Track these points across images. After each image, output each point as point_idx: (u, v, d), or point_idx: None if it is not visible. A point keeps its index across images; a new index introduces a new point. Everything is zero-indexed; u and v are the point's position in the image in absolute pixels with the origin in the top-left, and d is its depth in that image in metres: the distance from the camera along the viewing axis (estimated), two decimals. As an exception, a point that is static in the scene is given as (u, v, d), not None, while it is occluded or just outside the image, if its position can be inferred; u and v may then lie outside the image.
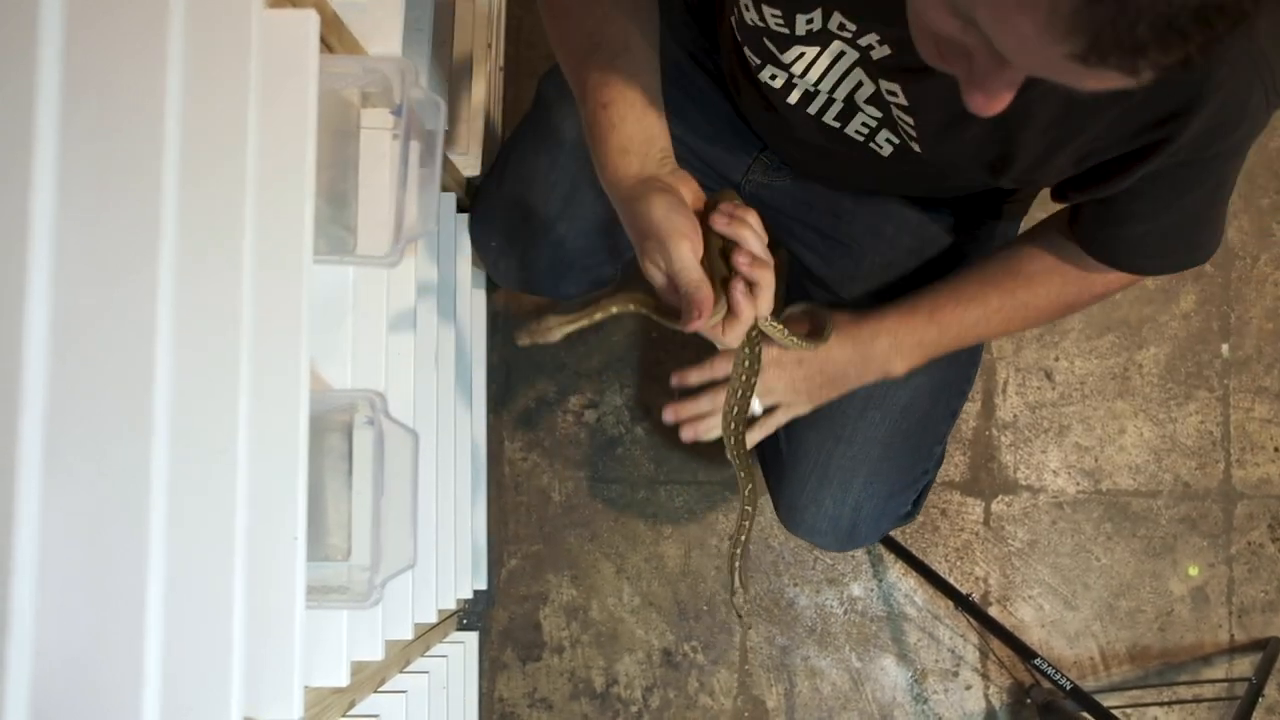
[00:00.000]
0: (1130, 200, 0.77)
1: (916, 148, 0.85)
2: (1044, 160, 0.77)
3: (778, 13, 0.79)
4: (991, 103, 0.57)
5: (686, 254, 0.71)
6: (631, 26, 0.83)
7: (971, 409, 1.56)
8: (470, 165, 1.25)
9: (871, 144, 0.89)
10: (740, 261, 0.70)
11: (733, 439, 0.82)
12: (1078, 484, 1.55)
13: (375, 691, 1.00)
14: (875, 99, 0.83)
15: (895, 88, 0.79)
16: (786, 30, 0.80)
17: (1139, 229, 0.80)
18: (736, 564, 0.83)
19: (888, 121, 0.85)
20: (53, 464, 0.52)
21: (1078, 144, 0.74)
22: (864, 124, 0.88)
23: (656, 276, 0.74)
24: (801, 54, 0.82)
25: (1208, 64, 0.66)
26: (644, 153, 0.78)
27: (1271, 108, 0.70)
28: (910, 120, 0.82)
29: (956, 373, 1.08)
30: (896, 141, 0.88)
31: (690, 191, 0.76)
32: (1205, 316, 1.56)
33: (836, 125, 0.89)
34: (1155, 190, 0.76)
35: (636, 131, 0.79)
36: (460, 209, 1.24)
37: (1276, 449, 1.55)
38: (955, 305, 0.90)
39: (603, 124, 0.80)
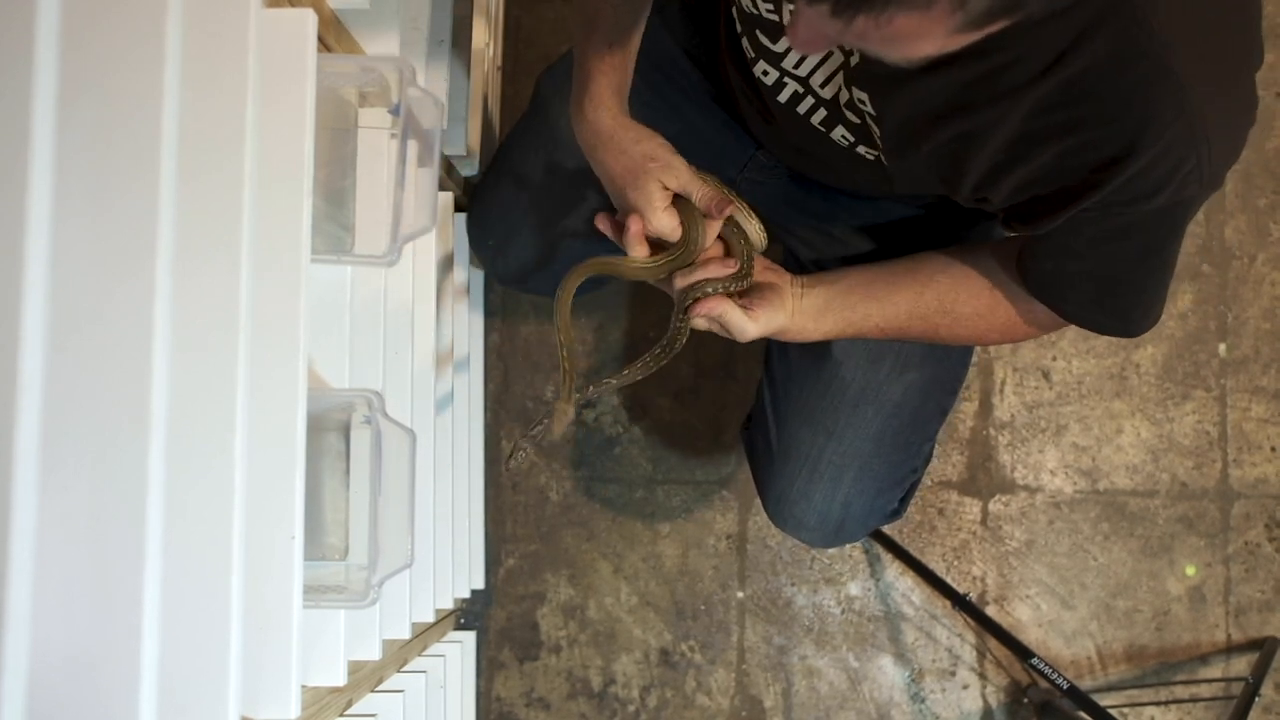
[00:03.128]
0: (1064, 235, 0.79)
1: (884, 159, 0.86)
2: (990, 181, 0.79)
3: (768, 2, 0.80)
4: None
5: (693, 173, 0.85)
6: None
7: (969, 408, 1.56)
8: (468, 164, 1.25)
9: (855, 151, 0.91)
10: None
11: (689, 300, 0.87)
12: (1075, 484, 1.55)
13: (373, 691, 1.00)
14: (851, 106, 0.84)
15: (864, 96, 0.81)
16: (776, 17, 0.80)
17: (1065, 267, 0.82)
18: (606, 382, 0.92)
19: (864, 133, 0.86)
20: (50, 463, 0.52)
21: (1022, 172, 0.76)
22: (844, 135, 0.89)
23: (658, 196, 0.84)
24: (790, 46, 0.83)
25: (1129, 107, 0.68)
26: (625, 98, 0.88)
27: (1205, 185, 0.72)
28: (877, 131, 0.83)
29: (948, 371, 1.08)
30: (873, 156, 0.89)
31: None
32: (1202, 316, 1.57)
33: (822, 130, 0.90)
34: (1083, 231, 0.78)
35: (626, 79, 0.89)
36: (458, 208, 1.24)
37: (1274, 448, 1.55)
38: (885, 303, 0.90)
39: (606, 60, 0.87)
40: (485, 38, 1.31)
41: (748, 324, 0.87)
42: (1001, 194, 0.79)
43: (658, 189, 0.84)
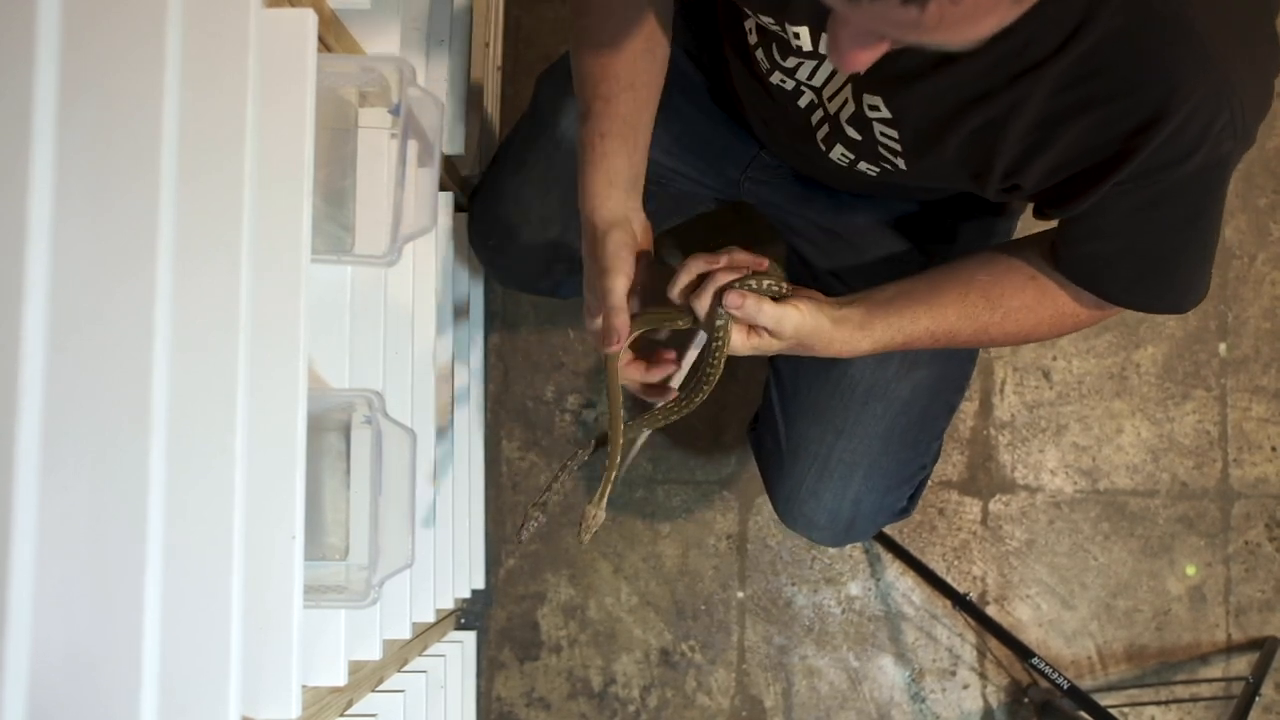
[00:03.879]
0: (1098, 215, 0.78)
1: (901, 164, 0.86)
2: (1020, 168, 0.78)
3: (770, 20, 0.79)
4: (843, 59, 0.58)
5: (620, 288, 0.80)
6: (644, 65, 0.87)
7: (969, 408, 1.56)
8: (468, 164, 1.25)
9: (854, 170, 0.91)
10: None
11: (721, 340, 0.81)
12: (1075, 483, 1.55)
13: (373, 691, 1.00)
14: (856, 119, 0.84)
15: (878, 100, 0.80)
16: (784, 36, 0.80)
17: (1106, 247, 0.81)
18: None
19: (868, 149, 0.86)
20: (51, 463, 0.52)
21: (1052, 154, 0.75)
22: (843, 154, 0.89)
23: (590, 298, 0.83)
24: (801, 63, 0.83)
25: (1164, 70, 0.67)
26: (626, 189, 0.85)
27: (1239, 139, 0.70)
28: (894, 134, 0.82)
29: (955, 368, 1.08)
30: (876, 170, 0.89)
31: (642, 231, 0.86)
32: (1203, 316, 1.57)
33: (823, 149, 0.89)
34: (1120, 206, 0.76)
35: (625, 167, 0.85)
36: (458, 208, 1.25)
37: (1274, 448, 1.55)
38: (932, 304, 0.87)
39: (597, 150, 0.85)
40: (485, 38, 1.31)
41: (788, 310, 0.79)
42: (1032, 179, 0.78)
43: (620, 284, 0.81)
